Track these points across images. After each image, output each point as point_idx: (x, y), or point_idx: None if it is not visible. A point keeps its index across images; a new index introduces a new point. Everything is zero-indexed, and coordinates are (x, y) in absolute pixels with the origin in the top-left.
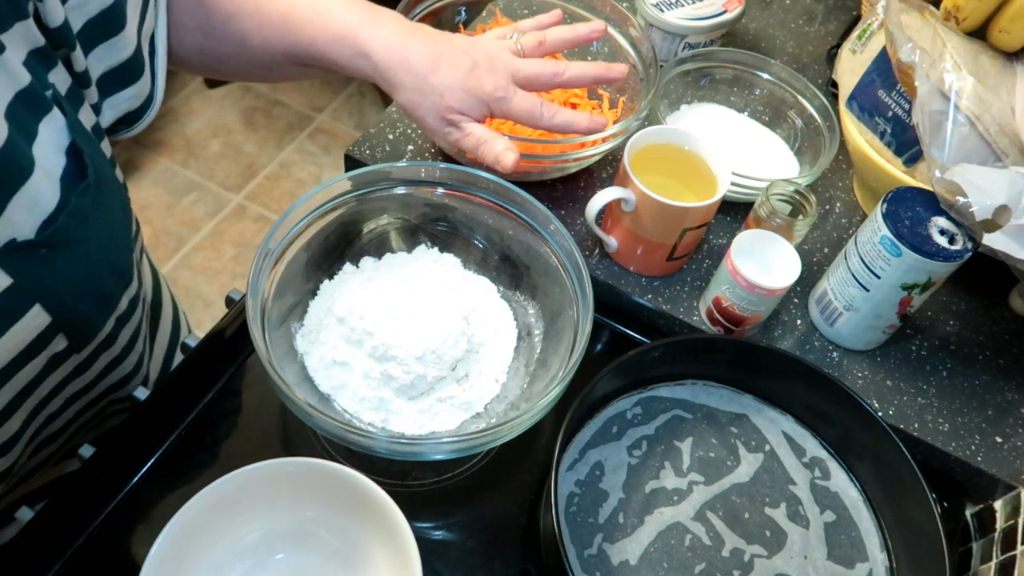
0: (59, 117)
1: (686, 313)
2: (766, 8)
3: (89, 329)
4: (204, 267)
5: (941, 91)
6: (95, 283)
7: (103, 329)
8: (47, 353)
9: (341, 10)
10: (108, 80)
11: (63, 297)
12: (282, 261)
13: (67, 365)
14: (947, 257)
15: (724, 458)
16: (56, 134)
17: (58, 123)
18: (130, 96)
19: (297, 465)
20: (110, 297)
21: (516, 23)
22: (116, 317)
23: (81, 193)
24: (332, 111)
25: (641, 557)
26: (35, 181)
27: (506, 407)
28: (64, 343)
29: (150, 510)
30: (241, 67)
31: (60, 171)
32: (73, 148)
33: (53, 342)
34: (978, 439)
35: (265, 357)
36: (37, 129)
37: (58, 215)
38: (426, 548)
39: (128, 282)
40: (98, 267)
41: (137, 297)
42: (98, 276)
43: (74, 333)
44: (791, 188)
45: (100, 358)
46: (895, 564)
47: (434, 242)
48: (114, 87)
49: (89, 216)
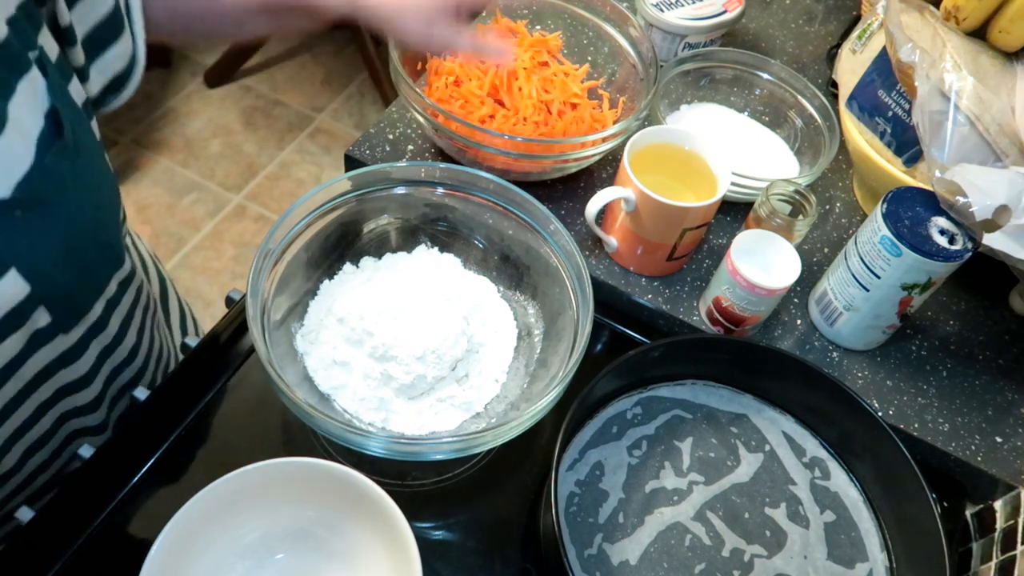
0: (40, 79)
1: (686, 313)
2: (766, 8)
3: (73, 306)
4: (204, 267)
5: (941, 91)
6: (77, 254)
7: (91, 310)
8: (28, 327)
9: None
10: (93, 40)
11: (41, 264)
12: (282, 261)
13: (54, 346)
14: (947, 257)
15: (724, 458)
16: (35, 95)
17: (38, 84)
18: (116, 55)
19: (297, 465)
20: (96, 274)
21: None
22: (106, 300)
23: (57, 154)
24: (332, 111)
25: (641, 557)
26: (7, 136)
27: (506, 407)
28: (47, 318)
29: (150, 510)
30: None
31: (37, 133)
32: (53, 112)
33: (34, 316)
34: (978, 439)
35: (265, 357)
36: (15, 87)
37: (34, 175)
38: (426, 548)
39: (117, 262)
40: (80, 238)
41: (128, 282)
42: (80, 247)
43: (56, 307)
44: (791, 188)
45: (92, 345)
46: (895, 564)
47: (434, 242)
48: (99, 47)
49: (67, 181)
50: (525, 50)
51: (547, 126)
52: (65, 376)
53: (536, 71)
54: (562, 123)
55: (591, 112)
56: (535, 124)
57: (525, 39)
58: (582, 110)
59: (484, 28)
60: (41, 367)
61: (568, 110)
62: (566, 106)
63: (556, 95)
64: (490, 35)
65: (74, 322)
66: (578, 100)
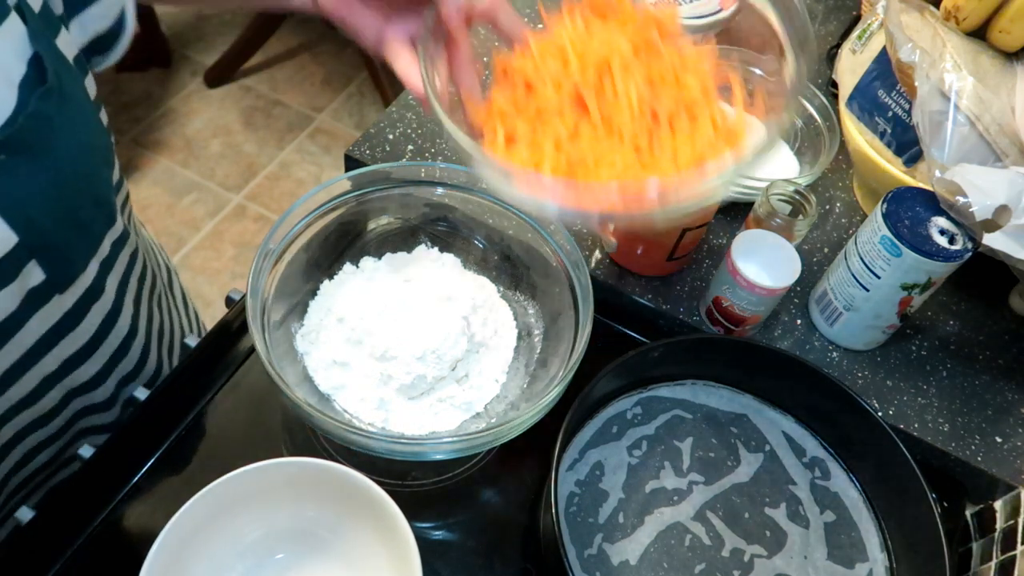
0: (19, 24)
1: (686, 313)
2: None
3: (67, 261)
4: (204, 267)
5: (941, 91)
6: (68, 204)
7: (86, 271)
8: (22, 283)
9: None
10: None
11: (30, 213)
12: (282, 261)
13: (52, 309)
14: (947, 257)
15: (724, 458)
16: (15, 40)
17: (18, 30)
18: (97, 16)
19: (297, 465)
20: (89, 228)
21: None
22: (100, 261)
23: (42, 97)
24: (332, 111)
25: (641, 557)
26: None
27: (506, 407)
28: (41, 275)
29: (150, 510)
30: None
31: (19, 77)
32: (37, 59)
33: (26, 269)
34: (978, 439)
35: (265, 357)
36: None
37: (18, 117)
38: (426, 548)
39: (111, 220)
40: (70, 188)
41: (122, 243)
42: (71, 198)
43: (49, 262)
44: (791, 188)
45: (91, 311)
46: (895, 564)
47: (434, 242)
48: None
49: (54, 125)
50: (625, 29)
51: (655, 149)
52: (68, 346)
53: (641, 61)
54: (675, 141)
55: (717, 118)
56: (636, 145)
57: (627, 15)
58: (703, 117)
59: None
60: (42, 333)
61: (684, 119)
62: (681, 113)
63: (668, 98)
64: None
65: (69, 279)
66: (696, 104)
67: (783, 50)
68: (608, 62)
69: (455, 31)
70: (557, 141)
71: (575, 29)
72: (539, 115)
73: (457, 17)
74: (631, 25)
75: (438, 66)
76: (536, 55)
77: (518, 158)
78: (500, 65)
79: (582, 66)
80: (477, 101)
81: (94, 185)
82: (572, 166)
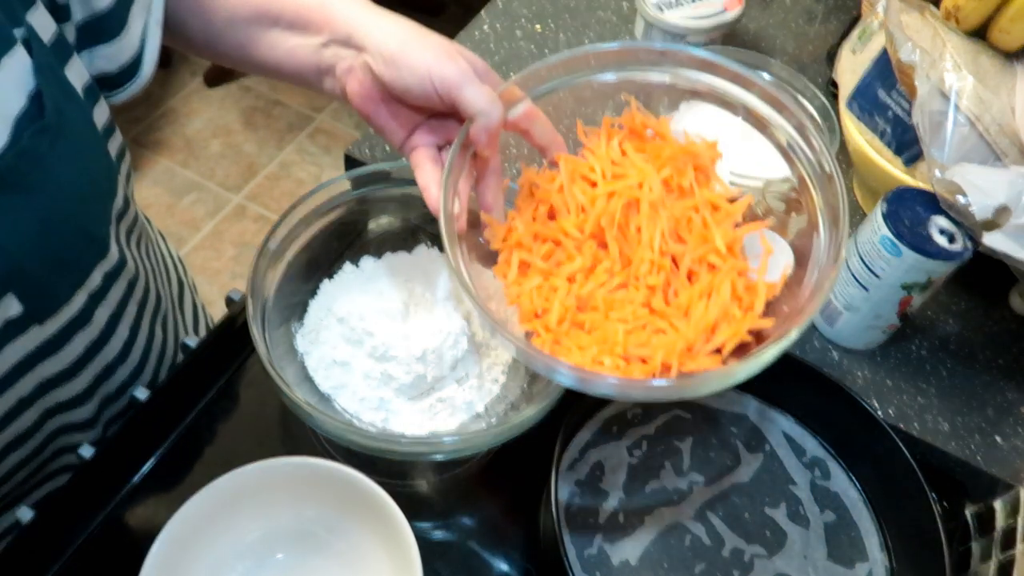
0: (24, 57)
1: None
2: (766, 8)
3: (48, 295)
4: (204, 267)
5: (941, 91)
6: (53, 242)
7: (71, 302)
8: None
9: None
10: (86, 30)
11: (9, 248)
12: (282, 261)
13: (30, 337)
14: (947, 257)
15: (724, 458)
16: (18, 74)
17: (22, 63)
18: (106, 56)
19: (297, 465)
20: (75, 263)
21: None
22: (89, 293)
23: (36, 134)
24: (332, 111)
25: (641, 557)
26: None
27: (506, 407)
28: (17, 307)
29: (150, 510)
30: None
31: (16, 111)
32: (38, 94)
33: (3, 302)
34: (978, 439)
35: (265, 357)
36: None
37: (7, 154)
38: (426, 548)
39: (101, 254)
40: (58, 226)
41: (116, 274)
42: (57, 235)
43: (27, 296)
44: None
45: (76, 338)
46: (895, 564)
47: (434, 242)
48: (90, 39)
49: (47, 163)
50: (661, 165)
51: (671, 296)
52: (47, 369)
53: (673, 200)
54: (691, 294)
55: (738, 278)
56: (650, 289)
57: (665, 148)
58: (723, 278)
59: (610, 122)
60: (18, 358)
61: (704, 271)
62: (702, 265)
63: (692, 247)
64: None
65: (49, 313)
66: (719, 260)
67: (816, 224)
68: (637, 199)
69: (484, 152)
70: (571, 275)
71: (609, 154)
72: (556, 244)
73: (487, 139)
74: (668, 159)
75: (463, 180)
76: (565, 179)
77: (527, 293)
78: (527, 182)
79: (609, 200)
80: (499, 222)
81: (86, 222)
82: (582, 305)
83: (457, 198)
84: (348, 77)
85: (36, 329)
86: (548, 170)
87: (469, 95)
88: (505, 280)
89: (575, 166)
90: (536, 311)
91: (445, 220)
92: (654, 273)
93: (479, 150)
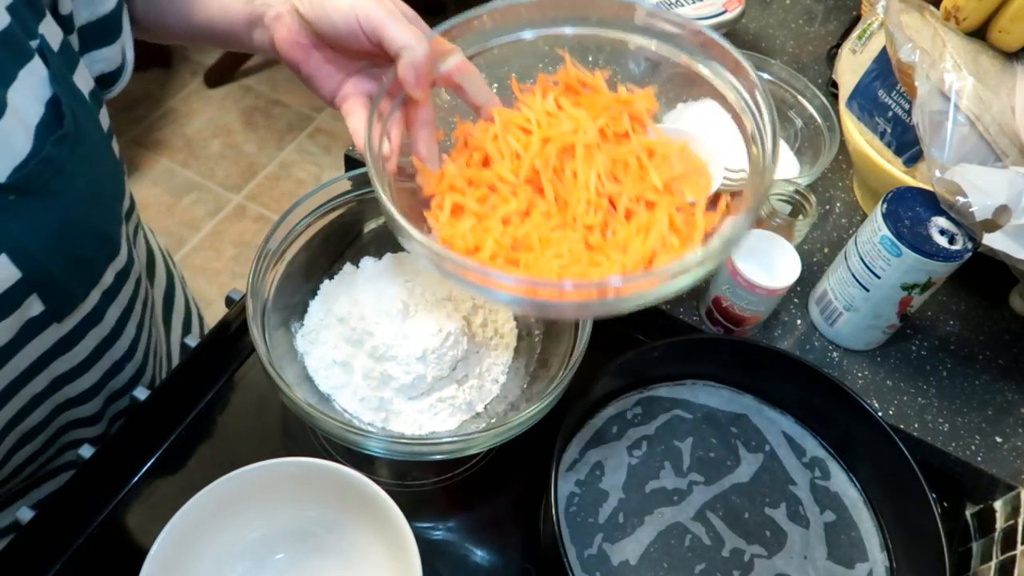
0: (41, 68)
1: (686, 313)
2: (766, 8)
3: (67, 295)
4: (204, 267)
5: (941, 91)
6: (71, 244)
7: (86, 300)
8: (20, 314)
9: None
10: (89, 33)
11: (33, 251)
12: (282, 261)
13: (48, 335)
14: (947, 257)
15: (724, 458)
16: (36, 84)
17: (39, 73)
18: (106, 57)
19: (297, 465)
20: (91, 263)
21: None
22: (103, 291)
23: (57, 142)
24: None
25: (641, 557)
26: (6, 122)
27: (506, 407)
28: (39, 307)
29: (150, 510)
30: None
31: (37, 120)
32: (55, 101)
33: (26, 303)
34: (978, 439)
35: (265, 357)
36: (16, 74)
37: (31, 162)
38: (426, 548)
39: (114, 253)
40: (76, 228)
41: (126, 273)
42: (75, 237)
43: (50, 296)
44: (791, 188)
45: (88, 335)
46: (895, 564)
47: None
48: (93, 43)
49: (67, 169)
50: (596, 115)
51: (608, 234)
52: (59, 366)
53: (609, 146)
54: (627, 230)
55: (677, 213)
56: (588, 228)
57: (599, 99)
58: (660, 211)
59: (547, 79)
60: (35, 357)
61: (642, 209)
62: (639, 203)
63: (629, 186)
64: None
65: (68, 311)
66: (656, 197)
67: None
68: (572, 145)
69: (412, 91)
70: (506, 218)
71: (544, 108)
72: (491, 191)
73: (414, 77)
74: (603, 109)
75: (394, 127)
76: (499, 128)
77: (460, 233)
78: (462, 134)
79: (543, 146)
80: (431, 167)
81: (100, 223)
82: (517, 245)
83: (387, 139)
84: (276, 24)
85: (54, 327)
86: (482, 123)
87: (393, 31)
88: (437, 223)
89: (509, 117)
90: (469, 249)
91: (372, 158)
92: (591, 213)
93: (408, 90)
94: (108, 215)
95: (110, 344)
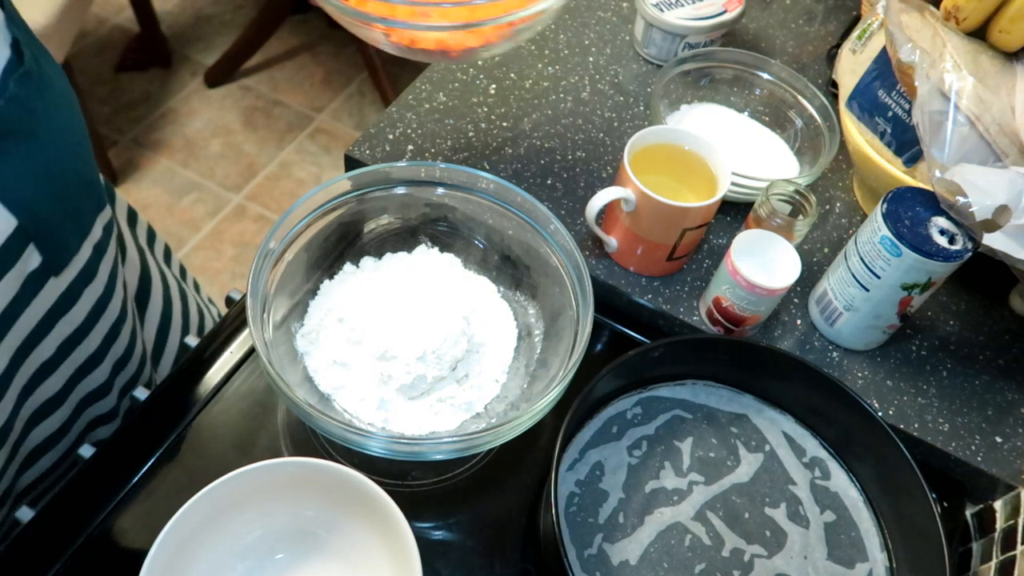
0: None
1: (686, 313)
2: (766, 8)
3: (62, 244)
4: (204, 267)
5: (941, 91)
6: (58, 186)
7: (79, 253)
8: (21, 268)
9: None
10: None
11: (25, 197)
12: (282, 261)
13: (48, 292)
14: (947, 257)
15: (724, 458)
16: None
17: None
18: None
19: (297, 465)
20: (80, 211)
21: None
22: (93, 244)
23: (21, 80)
24: (332, 111)
25: (641, 557)
26: None
27: (506, 407)
28: (38, 259)
29: (150, 510)
30: None
31: (3, 63)
32: (15, 43)
33: (25, 254)
34: (978, 439)
35: (265, 357)
36: None
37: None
38: (426, 548)
39: (99, 201)
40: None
41: (111, 229)
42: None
43: (45, 244)
44: (791, 188)
45: (84, 293)
46: (895, 564)
47: (434, 242)
48: None
49: (36, 110)
50: None
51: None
52: (63, 328)
53: None
54: None
55: None
56: None
57: None
58: None
59: None
60: (40, 316)
61: None
62: None
63: None
64: None
65: (64, 262)
66: None
67: None
68: None
69: None
70: None
71: None
72: None
73: None
74: None
75: None
76: None
77: None
78: None
79: None
80: None
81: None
82: None
83: None
84: None
85: (53, 282)
86: None
87: None
88: None
89: None
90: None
91: None
92: None
93: None
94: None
95: (105, 304)
